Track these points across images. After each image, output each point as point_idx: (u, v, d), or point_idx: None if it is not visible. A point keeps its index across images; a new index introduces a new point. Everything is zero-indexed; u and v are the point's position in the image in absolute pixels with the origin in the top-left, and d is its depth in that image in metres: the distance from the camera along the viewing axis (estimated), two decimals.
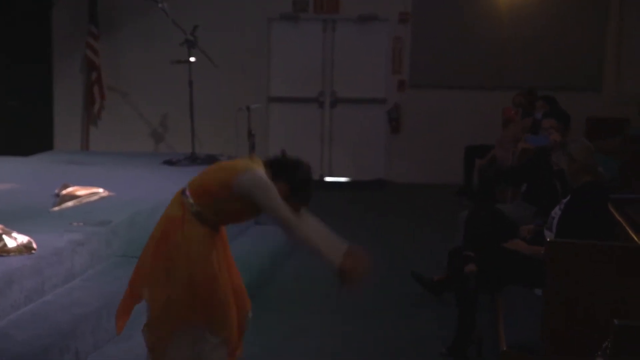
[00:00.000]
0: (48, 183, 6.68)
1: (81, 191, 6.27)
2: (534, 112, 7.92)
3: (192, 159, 8.51)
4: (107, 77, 10.98)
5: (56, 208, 5.91)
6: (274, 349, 5.07)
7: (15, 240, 4.68)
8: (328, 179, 11.05)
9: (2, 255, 4.55)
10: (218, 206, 3.60)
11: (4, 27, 9.92)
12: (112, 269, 5.24)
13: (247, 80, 10.80)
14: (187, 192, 3.67)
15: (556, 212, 4.89)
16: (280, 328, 5.40)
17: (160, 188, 6.92)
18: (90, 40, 10.78)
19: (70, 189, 6.27)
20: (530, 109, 8.36)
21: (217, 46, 9.79)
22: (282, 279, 6.56)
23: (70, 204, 6.01)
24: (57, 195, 6.23)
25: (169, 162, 8.43)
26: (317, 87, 11.05)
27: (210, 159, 8.53)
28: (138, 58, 10.94)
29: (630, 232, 4.69)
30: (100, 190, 6.41)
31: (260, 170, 3.58)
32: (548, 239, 4.44)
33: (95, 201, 6.20)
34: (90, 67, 10.87)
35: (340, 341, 5.24)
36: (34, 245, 4.71)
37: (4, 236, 4.67)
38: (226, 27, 10.72)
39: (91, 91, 10.93)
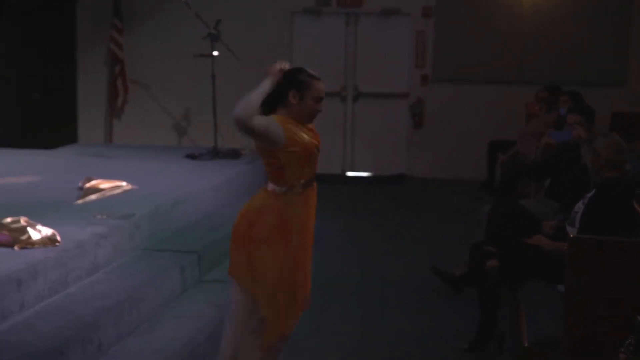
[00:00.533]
0: (72, 176, 6.73)
1: (104, 184, 6.32)
2: (558, 107, 7.86)
3: (215, 153, 8.54)
4: (131, 70, 11.03)
5: (80, 201, 5.95)
6: (294, 344, 5.08)
7: (39, 232, 4.72)
8: (350, 173, 11.04)
9: (26, 248, 4.59)
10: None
11: (29, 19, 9.99)
12: (135, 262, 5.27)
13: None
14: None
15: (579, 207, 4.85)
16: (301, 323, 5.39)
17: (182, 182, 6.97)
18: (114, 34, 10.84)
19: (93, 182, 6.32)
20: (554, 104, 8.31)
21: (239, 40, 9.80)
22: None
23: (93, 197, 6.05)
24: (81, 188, 6.27)
25: (192, 156, 8.46)
26: (339, 81, 11.03)
27: (233, 153, 8.56)
28: (161, 51, 10.98)
29: None
30: (124, 183, 6.45)
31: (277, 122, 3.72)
32: (571, 235, 4.41)
33: (118, 194, 6.24)
34: (114, 60, 10.93)
35: (360, 337, 5.24)
36: (58, 238, 4.75)
37: (29, 228, 4.72)
38: (249, 21, 10.74)
39: (115, 84, 10.99)
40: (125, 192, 6.33)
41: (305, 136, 3.71)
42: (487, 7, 10.66)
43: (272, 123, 3.63)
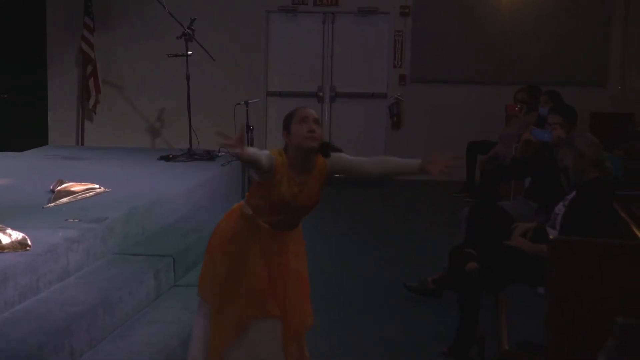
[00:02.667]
0: (43, 179, 6.60)
1: (76, 187, 6.19)
2: (538, 107, 7.84)
3: (190, 155, 8.44)
4: (103, 70, 10.88)
5: (51, 204, 5.82)
6: None
7: (9, 236, 4.61)
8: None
9: None
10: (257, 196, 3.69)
11: None
12: (108, 266, 5.16)
13: (245, 75, 10.72)
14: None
15: (560, 208, 4.81)
16: None
17: (156, 184, 6.86)
18: (86, 33, 10.67)
19: (65, 185, 6.19)
20: (533, 104, 8.29)
21: (214, 39, 9.71)
22: None
23: (65, 200, 5.93)
24: (52, 191, 6.15)
25: (166, 158, 8.35)
26: (316, 82, 10.97)
27: (208, 155, 8.45)
28: (134, 51, 10.85)
29: (634, 229, 4.62)
30: (96, 186, 6.34)
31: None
32: (551, 237, 4.37)
33: (90, 197, 6.12)
34: (85, 60, 10.77)
35: (338, 341, 5.17)
36: (29, 242, 4.64)
37: None
38: (224, 20, 10.64)
39: (87, 85, 10.83)
40: (98, 195, 6.21)
41: (285, 189, 3.59)
42: (466, 6, 10.64)
43: (265, 154, 3.55)
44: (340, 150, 3.79)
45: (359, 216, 8.75)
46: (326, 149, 3.64)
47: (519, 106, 8.63)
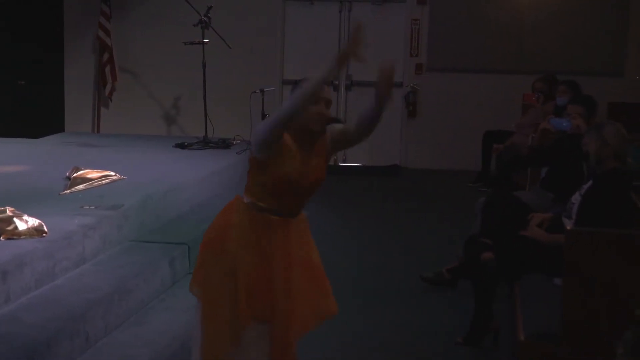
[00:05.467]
0: (59, 166, 6.63)
1: (92, 174, 6.21)
2: (555, 97, 7.79)
3: (205, 143, 8.44)
4: (120, 58, 10.89)
5: (67, 191, 5.85)
6: None
7: (26, 223, 4.63)
8: (343, 164, 10.95)
9: (13, 238, 4.51)
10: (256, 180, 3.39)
11: (15, 5, 9.86)
12: (124, 253, 5.18)
13: (261, 63, 10.70)
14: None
15: (576, 198, 4.78)
16: None
17: (172, 172, 6.87)
18: (102, 20, 10.68)
19: (81, 172, 6.21)
20: (551, 94, 8.23)
21: (231, 27, 9.69)
22: None
23: (81, 187, 5.95)
24: (68, 178, 6.17)
25: (181, 146, 8.36)
26: None
27: (224, 143, 8.45)
28: (151, 39, 10.85)
29: None
30: (112, 173, 6.35)
31: None
32: (567, 227, 4.34)
33: (106, 184, 6.14)
34: (102, 47, 10.78)
35: (354, 330, 5.16)
36: (45, 229, 4.66)
37: (15, 219, 4.62)
38: (240, 8, 10.61)
39: (103, 72, 10.84)
40: (114, 182, 6.23)
41: (295, 163, 3.32)
42: None
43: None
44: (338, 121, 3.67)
45: (374, 206, 8.73)
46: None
47: (536, 95, 8.57)
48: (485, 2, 10.57)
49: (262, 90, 8.41)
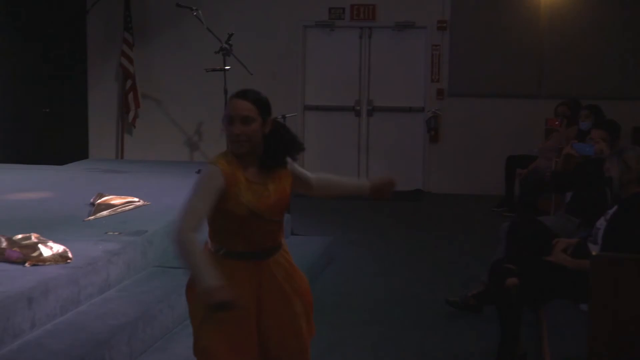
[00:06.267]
0: (83, 192, 6.66)
1: (116, 200, 6.24)
2: (578, 121, 7.77)
3: None
4: (142, 85, 11.00)
5: (91, 217, 5.88)
6: None
7: (50, 249, 4.65)
8: None
9: (37, 265, 4.52)
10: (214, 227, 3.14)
11: (39, 34, 9.99)
12: (148, 279, 5.18)
13: (282, 89, 10.75)
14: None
15: (601, 223, 4.73)
16: (314, 341, 5.28)
17: None
18: (125, 48, 10.81)
19: (105, 198, 6.24)
20: (574, 118, 8.21)
21: (252, 54, 9.76)
22: (318, 291, 6.44)
23: (105, 213, 5.97)
24: (92, 204, 6.20)
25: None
26: (353, 96, 10.97)
27: None
28: (173, 66, 10.95)
29: None
30: (136, 199, 6.38)
31: (212, 166, 3.08)
32: (593, 252, 4.30)
33: (130, 210, 6.16)
34: (125, 75, 10.90)
35: (377, 356, 5.12)
36: (70, 255, 4.68)
37: (40, 245, 4.65)
38: (261, 35, 10.70)
39: (126, 99, 10.95)
40: (138, 208, 6.26)
41: (248, 196, 3.04)
42: (504, 19, 10.57)
43: (203, 180, 3.01)
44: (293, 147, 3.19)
45: (397, 230, 8.70)
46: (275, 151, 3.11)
47: (559, 120, 8.54)
48: (506, 26, 10.58)
49: (283, 116, 8.42)
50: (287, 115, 8.49)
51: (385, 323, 5.69)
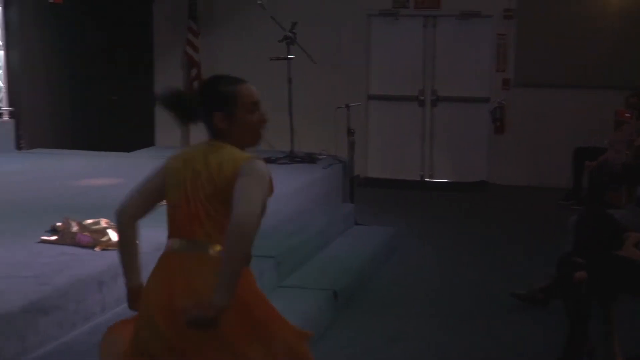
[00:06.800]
0: None
1: None
2: None
3: (291, 157, 8.48)
4: (207, 73, 11.09)
5: (159, 204, 5.94)
6: (371, 351, 4.98)
7: None
8: (428, 180, 10.87)
9: (107, 249, 4.60)
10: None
11: (106, 23, 10.15)
12: None
13: (346, 78, 10.73)
14: None
15: None
16: (378, 331, 5.30)
17: None
18: (190, 37, 10.93)
19: None
20: None
21: (316, 43, 9.74)
22: (381, 282, 6.44)
23: None
24: None
25: (268, 160, 8.42)
26: (417, 85, 10.88)
27: (310, 158, 8.49)
28: (237, 54, 11.01)
29: None
30: None
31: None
32: None
33: None
34: (190, 63, 11.01)
35: (437, 348, 5.08)
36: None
37: (109, 230, 4.72)
38: (325, 24, 10.68)
39: (191, 87, 11.05)
40: None
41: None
42: (572, 7, 10.35)
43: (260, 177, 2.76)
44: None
45: (461, 222, 8.61)
46: None
47: (630, 112, 8.33)
48: (574, 14, 10.35)
49: (347, 106, 8.42)
50: (350, 105, 8.47)
51: (447, 315, 5.65)
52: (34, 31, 9.08)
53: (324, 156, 8.52)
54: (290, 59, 8.73)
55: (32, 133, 8.92)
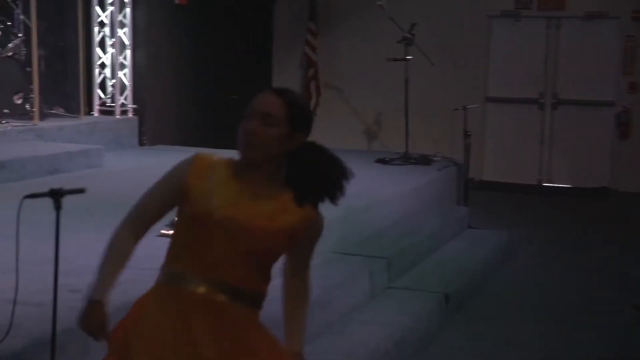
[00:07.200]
0: None
1: None
2: None
3: (406, 158, 8.45)
4: (324, 73, 11.19)
5: None
6: (483, 357, 4.90)
7: None
8: (547, 184, 10.59)
9: None
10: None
11: (229, 23, 10.40)
12: (325, 264, 5.25)
13: (464, 80, 10.59)
14: None
15: None
16: (490, 337, 5.22)
17: (373, 186, 6.92)
18: (309, 37, 11.05)
19: None
20: None
21: (434, 44, 9.67)
22: (494, 287, 6.33)
23: None
24: None
25: (382, 161, 8.42)
26: (537, 88, 10.62)
27: (425, 159, 8.43)
28: (355, 55, 11.05)
29: None
30: None
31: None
32: None
33: None
34: (308, 63, 11.14)
35: (549, 356, 4.96)
36: None
37: None
38: (444, 25, 10.57)
39: (308, 87, 11.19)
40: None
41: (215, 199, 2.29)
42: None
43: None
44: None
45: (579, 228, 8.36)
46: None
47: None
48: None
49: (464, 108, 8.32)
50: (468, 107, 8.37)
51: (561, 323, 5.50)
52: (160, 31, 9.40)
53: (439, 158, 8.45)
54: (408, 60, 8.70)
55: (154, 130, 9.22)
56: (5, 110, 7.62)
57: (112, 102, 8.99)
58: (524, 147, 10.58)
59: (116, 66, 8.98)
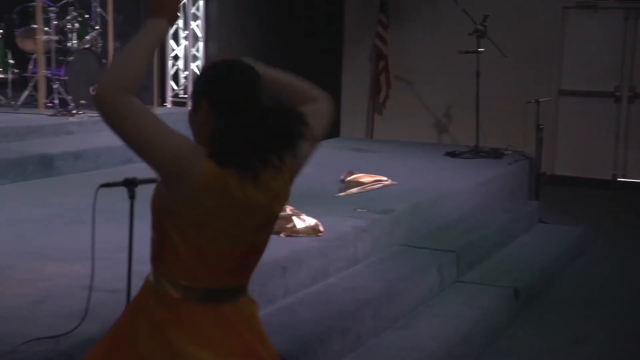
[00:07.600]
0: (334, 169, 6.88)
1: (366, 178, 6.40)
2: None
3: (476, 152, 8.37)
4: (394, 66, 11.14)
5: (342, 194, 6.07)
6: (553, 353, 4.83)
7: (303, 222, 4.85)
8: (621, 179, 10.34)
9: (291, 236, 4.74)
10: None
11: (300, 15, 10.45)
12: (394, 256, 5.27)
13: (537, 73, 10.40)
14: None
15: None
16: (560, 333, 5.14)
17: (441, 179, 6.89)
18: (380, 30, 11.00)
19: (355, 176, 6.42)
20: None
21: (506, 36, 9.53)
22: (565, 282, 6.23)
23: (354, 190, 6.15)
24: (343, 181, 6.40)
25: (452, 154, 8.35)
26: (613, 81, 10.35)
27: (495, 153, 8.33)
28: (425, 47, 10.97)
29: None
30: (384, 178, 6.50)
31: None
32: None
33: (378, 189, 6.29)
34: (378, 55, 11.10)
35: (620, 353, 4.85)
36: (321, 228, 4.86)
37: (294, 217, 4.86)
38: (518, 17, 10.40)
39: (378, 80, 11.16)
40: (386, 187, 6.37)
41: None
42: None
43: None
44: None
45: None
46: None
47: None
48: None
49: (537, 101, 8.19)
50: (540, 100, 8.23)
51: (634, 321, 5.37)
52: (232, 24, 9.51)
53: (510, 152, 8.35)
54: (480, 52, 8.60)
55: None
56: (82, 101, 7.83)
57: (185, 93, 9.13)
58: (598, 141, 10.33)
59: (189, 58, 9.12)
